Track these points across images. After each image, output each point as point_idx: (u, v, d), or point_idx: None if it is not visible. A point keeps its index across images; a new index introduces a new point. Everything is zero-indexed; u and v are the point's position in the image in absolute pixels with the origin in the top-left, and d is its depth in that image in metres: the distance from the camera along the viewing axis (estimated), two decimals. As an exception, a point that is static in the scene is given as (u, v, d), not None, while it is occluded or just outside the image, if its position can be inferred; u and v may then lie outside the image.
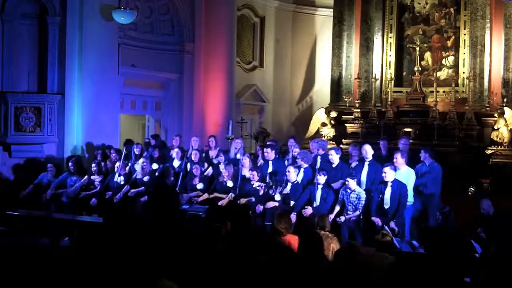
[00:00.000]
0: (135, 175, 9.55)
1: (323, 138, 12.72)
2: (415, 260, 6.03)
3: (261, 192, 8.41)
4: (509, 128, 12.05)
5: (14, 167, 10.94)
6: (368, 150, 8.62)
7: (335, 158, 8.63)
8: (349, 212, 7.93)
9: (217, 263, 4.89)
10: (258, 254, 4.99)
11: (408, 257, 6.24)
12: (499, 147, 11.95)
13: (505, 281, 4.71)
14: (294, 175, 8.33)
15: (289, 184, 8.29)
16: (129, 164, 9.91)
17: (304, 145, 11.41)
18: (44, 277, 4.65)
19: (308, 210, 8.02)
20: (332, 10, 14.68)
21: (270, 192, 8.25)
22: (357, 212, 7.88)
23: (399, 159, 8.25)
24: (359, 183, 8.20)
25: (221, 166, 9.31)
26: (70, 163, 10.11)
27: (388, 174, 7.78)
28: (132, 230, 6.04)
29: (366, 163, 8.54)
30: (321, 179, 8.08)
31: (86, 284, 4.65)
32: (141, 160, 9.64)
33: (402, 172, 8.20)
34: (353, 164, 8.93)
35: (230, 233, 6.44)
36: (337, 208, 8.03)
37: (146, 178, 9.43)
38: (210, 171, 9.67)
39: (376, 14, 14.02)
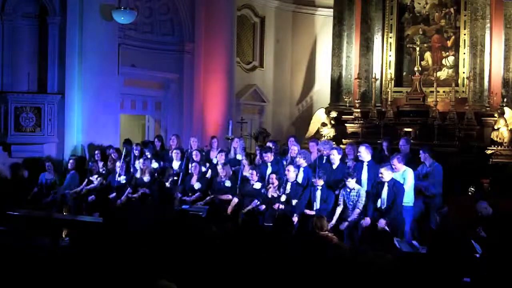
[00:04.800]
0: (135, 175, 9.57)
1: (323, 138, 12.73)
2: (415, 260, 6.03)
3: (269, 194, 8.33)
4: (509, 128, 12.04)
5: (13, 166, 10.96)
6: (362, 152, 8.44)
7: (336, 158, 8.59)
8: (350, 213, 7.86)
9: (215, 262, 4.89)
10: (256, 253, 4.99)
11: (408, 257, 6.24)
12: (499, 147, 11.95)
13: (505, 281, 4.71)
14: (294, 175, 8.33)
15: (289, 184, 8.29)
16: (130, 163, 9.93)
17: (303, 145, 11.36)
18: (44, 277, 4.65)
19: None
20: (332, 10, 14.67)
21: (273, 192, 8.16)
22: (357, 211, 7.80)
23: (396, 164, 8.08)
24: (359, 184, 8.14)
25: (219, 167, 9.29)
26: (70, 161, 10.14)
27: (385, 175, 7.68)
28: (132, 231, 6.04)
29: (365, 164, 8.43)
30: (319, 181, 8.05)
31: (86, 284, 4.65)
32: (140, 161, 9.65)
33: (399, 174, 8.09)
34: (350, 163, 8.84)
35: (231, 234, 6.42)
36: (338, 211, 7.93)
37: (146, 179, 9.43)
38: (210, 172, 9.64)
39: (376, 14, 14.01)
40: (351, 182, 7.88)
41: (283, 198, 8.04)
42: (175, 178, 9.32)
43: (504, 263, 5.01)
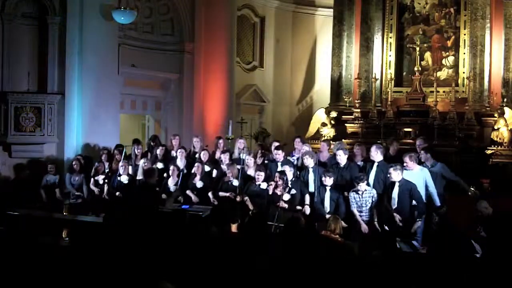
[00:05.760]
0: (137, 175, 9.56)
1: (323, 138, 12.71)
2: (415, 260, 6.03)
3: (270, 192, 8.23)
4: (509, 128, 12.05)
5: (14, 167, 10.95)
6: (372, 152, 8.43)
7: (343, 158, 8.56)
8: (362, 214, 7.84)
9: (215, 263, 4.88)
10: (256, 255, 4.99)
11: (408, 257, 6.24)
12: (499, 147, 11.95)
13: (505, 281, 4.72)
14: (291, 174, 8.29)
15: (289, 183, 8.25)
16: (132, 163, 9.92)
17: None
18: (44, 277, 4.65)
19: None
20: (332, 10, 14.67)
21: (276, 190, 8.16)
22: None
23: (409, 162, 8.10)
24: (367, 184, 8.12)
25: (223, 167, 9.26)
26: (74, 162, 10.12)
27: (393, 175, 7.67)
28: (132, 231, 6.04)
29: (375, 164, 8.39)
30: (328, 180, 8.02)
31: (86, 284, 4.65)
32: (142, 161, 9.64)
33: (414, 173, 8.06)
34: (360, 163, 8.83)
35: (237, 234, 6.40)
36: (358, 215, 7.86)
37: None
38: (215, 172, 9.56)
39: (376, 14, 14.01)
40: (362, 186, 7.84)
41: (286, 197, 8.01)
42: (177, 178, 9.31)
43: (504, 263, 5.01)
